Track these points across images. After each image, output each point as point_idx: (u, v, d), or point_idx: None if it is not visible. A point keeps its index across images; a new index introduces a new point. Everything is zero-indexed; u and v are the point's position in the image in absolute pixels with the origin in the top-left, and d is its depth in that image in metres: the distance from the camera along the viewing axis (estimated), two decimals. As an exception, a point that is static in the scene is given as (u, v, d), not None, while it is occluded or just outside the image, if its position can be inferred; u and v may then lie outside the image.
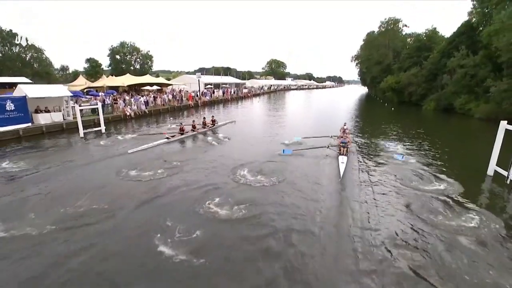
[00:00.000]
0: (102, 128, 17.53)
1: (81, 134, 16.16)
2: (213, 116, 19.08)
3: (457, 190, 8.58)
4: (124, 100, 24.97)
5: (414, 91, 39.17)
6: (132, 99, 26.10)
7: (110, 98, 25.51)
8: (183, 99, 33.25)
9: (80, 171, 10.13)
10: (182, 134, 15.33)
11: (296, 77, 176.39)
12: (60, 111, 18.81)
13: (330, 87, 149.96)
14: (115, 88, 35.14)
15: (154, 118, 24.39)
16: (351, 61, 75.95)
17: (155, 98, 29.71)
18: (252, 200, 7.45)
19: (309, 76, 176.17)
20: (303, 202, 7.54)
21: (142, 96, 29.33)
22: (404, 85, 41.32)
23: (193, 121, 16.84)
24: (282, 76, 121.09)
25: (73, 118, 18.74)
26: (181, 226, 6.23)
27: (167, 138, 14.42)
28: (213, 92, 43.58)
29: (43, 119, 17.54)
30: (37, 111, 17.66)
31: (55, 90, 18.99)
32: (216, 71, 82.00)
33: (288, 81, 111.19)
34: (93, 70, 63.73)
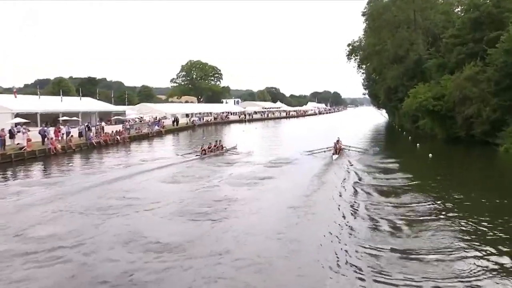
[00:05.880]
0: None
1: None
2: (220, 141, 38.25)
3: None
4: None
5: (475, 114, 37.86)
6: None
7: None
8: None
9: None
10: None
11: (248, 95, 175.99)
12: None
13: (315, 114, 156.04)
14: None
15: None
16: (348, 58, 75.95)
17: None
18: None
19: (272, 94, 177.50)
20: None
21: None
22: (454, 101, 40.17)
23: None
24: (216, 94, 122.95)
25: None
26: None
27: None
28: (13, 136, 38.78)
29: None
30: None
31: None
32: (56, 86, 76.03)
33: (228, 105, 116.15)
34: None
